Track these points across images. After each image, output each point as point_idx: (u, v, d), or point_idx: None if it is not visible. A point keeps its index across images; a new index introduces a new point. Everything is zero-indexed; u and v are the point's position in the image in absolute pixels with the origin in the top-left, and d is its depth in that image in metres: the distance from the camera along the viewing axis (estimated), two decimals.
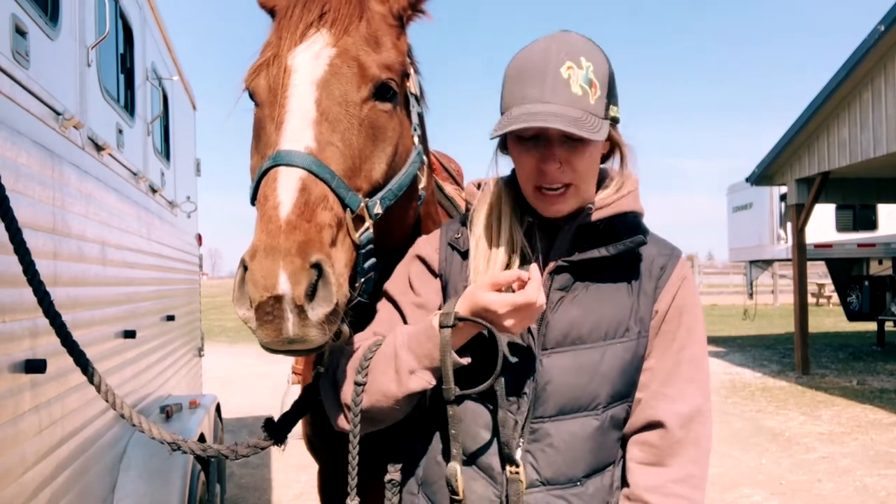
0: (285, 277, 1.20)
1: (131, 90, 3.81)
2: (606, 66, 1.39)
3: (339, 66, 1.46)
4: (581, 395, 1.38)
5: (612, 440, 1.43)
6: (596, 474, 1.41)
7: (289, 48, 1.48)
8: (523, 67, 1.37)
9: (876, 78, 9.23)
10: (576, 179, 1.37)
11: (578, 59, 1.34)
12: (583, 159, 1.36)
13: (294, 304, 1.21)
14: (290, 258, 1.22)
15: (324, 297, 1.25)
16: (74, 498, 2.45)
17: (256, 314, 1.22)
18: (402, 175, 1.57)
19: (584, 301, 1.42)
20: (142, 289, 3.76)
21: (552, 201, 1.39)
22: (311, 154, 1.36)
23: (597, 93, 1.34)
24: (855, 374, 11.21)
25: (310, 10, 1.52)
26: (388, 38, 1.58)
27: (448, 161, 2.83)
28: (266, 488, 5.95)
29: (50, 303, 1.61)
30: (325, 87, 1.44)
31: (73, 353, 1.66)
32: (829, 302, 25.65)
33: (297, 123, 1.40)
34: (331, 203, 1.34)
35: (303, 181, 1.32)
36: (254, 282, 1.22)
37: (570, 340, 1.39)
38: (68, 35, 2.56)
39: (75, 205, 2.56)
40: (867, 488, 5.80)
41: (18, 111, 2.04)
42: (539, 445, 1.38)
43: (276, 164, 1.35)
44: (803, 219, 11.59)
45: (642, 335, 1.44)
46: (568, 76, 1.32)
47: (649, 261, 1.48)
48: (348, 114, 1.44)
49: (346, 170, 1.41)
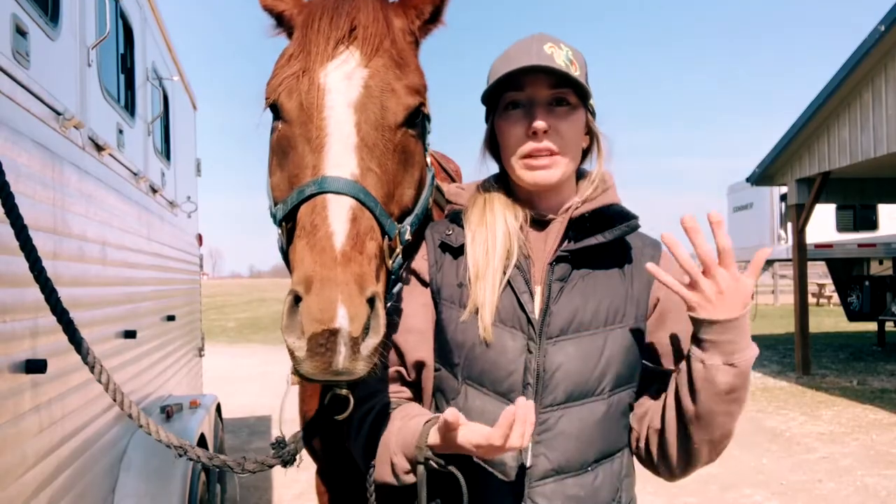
0: (344, 312, 1.17)
1: (132, 90, 3.80)
2: (583, 58, 1.50)
3: (374, 88, 1.43)
4: (588, 380, 1.42)
5: (620, 425, 1.47)
6: (606, 460, 1.45)
7: (320, 64, 1.43)
8: (507, 52, 1.48)
9: (876, 78, 9.22)
10: (562, 147, 1.45)
11: (558, 43, 1.46)
12: (568, 125, 1.45)
13: (350, 337, 1.18)
14: (349, 292, 1.19)
15: (375, 329, 1.23)
16: (74, 498, 2.44)
17: (308, 345, 1.19)
18: (424, 199, 1.57)
19: (583, 289, 1.46)
20: (142, 289, 3.76)
21: (539, 167, 1.45)
22: (357, 181, 1.33)
23: (577, 70, 1.45)
24: (855, 375, 11.21)
25: (338, 25, 1.47)
26: (412, 58, 1.56)
27: (447, 161, 2.83)
28: (266, 488, 5.95)
29: (57, 300, 1.59)
30: (363, 111, 1.40)
31: (80, 351, 1.64)
32: (830, 302, 25.64)
33: (339, 148, 1.36)
34: (376, 233, 1.33)
35: (353, 211, 1.30)
36: (310, 314, 1.18)
37: (573, 328, 1.43)
38: (69, 35, 2.56)
39: (76, 205, 2.56)
40: (868, 488, 5.79)
41: (19, 111, 2.04)
42: (550, 434, 1.40)
43: (323, 191, 1.31)
44: (803, 219, 11.59)
45: (639, 319, 1.49)
46: (551, 52, 1.43)
47: (638, 249, 1.55)
48: (384, 139, 1.41)
49: (384, 196, 1.39)
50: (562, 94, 1.45)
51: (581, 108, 1.48)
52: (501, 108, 1.50)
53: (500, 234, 1.48)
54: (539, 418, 1.39)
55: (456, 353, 1.46)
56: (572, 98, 1.46)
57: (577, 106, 1.47)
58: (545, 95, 1.44)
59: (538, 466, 1.40)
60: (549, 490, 1.39)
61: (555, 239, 1.50)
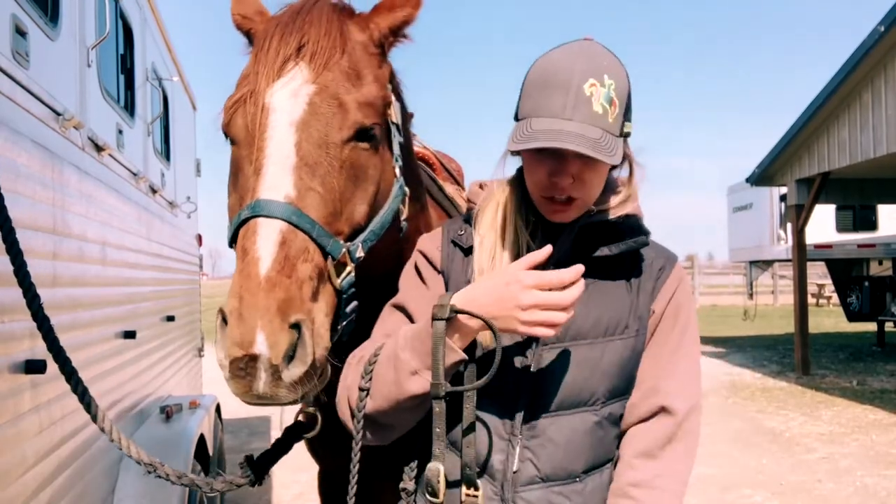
0: (263, 338, 1.20)
1: (131, 90, 3.80)
2: (626, 84, 1.38)
3: (319, 105, 1.42)
4: (580, 390, 1.39)
5: (611, 437, 1.45)
6: (595, 471, 1.42)
7: (266, 84, 1.43)
8: (546, 79, 1.35)
9: (876, 78, 9.22)
10: (584, 194, 1.39)
11: (602, 76, 1.33)
12: (594, 175, 1.38)
13: (269, 363, 1.20)
14: (270, 319, 1.21)
15: (300, 358, 1.24)
16: (74, 498, 2.44)
17: (230, 367, 1.22)
18: (384, 213, 1.55)
19: (585, 299, 1.41)
20: (142, 289, 3.76)
21: (558, 210, 1.41)
22: (291, 203, 1.33)
23: (616, 111, 1.35)
24: (855, 375, 11.20)
25: (287, 42, 1.46)
26: (370, 71, 1.54)
27: (448, 161, 2.83)
28: (266, 488, 5.95)
29: (39, 306, 1.55)
30: (305, 129, 1.40)
31: (57, 359, 1.59)
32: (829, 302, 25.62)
33: (275, 170, 1.36)
34: (311, 254, 1.32)
35: (283, 234, 1.30)
36: (231, 338, 1.21)
37: (570, 336, 1.41)
38: (68, 35, 2.56)
39: (75, 205, 2.56)
40: (867, 488, 5.79)
41: (19, 111, 2.04)
42: (538, 441, 1.38)
43: (254, 215, 1.32)
44: (803, 219, 11.59)
45: (640, 332, 1.46)
46: (590, 94, 1.32)
47: (648, 261, 1.50)
48: (329, 156, 1.40)
49: (327, 215, 1.38)
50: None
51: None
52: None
53: (509, 241, 1.45)
54: (528, 423, 1.38)
55: None
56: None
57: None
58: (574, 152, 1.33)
59: (524, 472, 1.38)
60: (534, 497, 1.37)
61: (564, 246, 1.45)
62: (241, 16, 1.66)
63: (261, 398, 1.23)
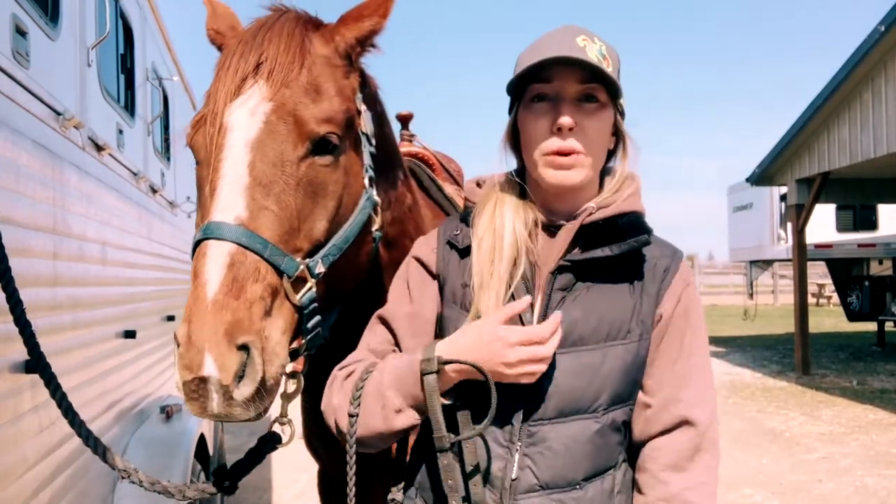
0: (211, 361, 1.22)
1: (131, 90, 3.80)
2: (617, 55, 1.42)
3: (275, 123, 1.42)
4: (581, 397, 1.36)
5: (613, 444, 1.41)
6: (596, 478, 1.38)
7: (224, 103, 1.44)
8: (537, 42, 1.40)
9: (876, 78, 9.22)
10: (587, 147, 1.37)
11: (592, 36, 1.38)
12: (596, 123, 1.38)
13: (220, 384, 1.23)
14: (217, 341, 1.23)
15: (250, 376, 1.27)
16: (74, 498, 2.44)
17: (184, 389, 1.25)
18: (348, 226, 1.55)
19: (585, 301, 1.39)
20: (142, 289, 3.76)
21: (561, 166, 1.37)
22: (242, 224, 1.34)
23: (610, 67, 1.36)
24: (855, 375, 11.21)
25: (246, 59, 1.46)
26: (332, 84, 1.53)
27: (448, 161, 2.82)
28: (266, 488, 5.95)
29: (22, 311, 1.54)
30: (260, 149, 1.40)
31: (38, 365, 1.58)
32: (830, 302, 25.63)
33: (228, 191, 1.37)
34: (263, 274, 1.33)
35: (231, 256, 1.31)
36: (181, 361, 1.25)
37: (570, 341, 1.36)
38: (68, 35, 2.56)
39: (75, 205, 2.56)
40: (867, 488, 5.80)
41: (19, 111, 2.04)
42: (537, 449, 1.35)
43: (205, 238, 1.34)
44: (803, 219, 11.59)
45: (644, 337, 1.41)
46: (584, 45, 1.35)
47: (652, 262, 1.45)
48: (285, 174, 1.40)
49: (283, 234, 1.38)
50: (591, 91, 1.37)
51: (610, 106, 1.40)
52: (526, 100, 1.41)
53: (508, 242, 1.40)
54: (527, 431, 1.35)
55: None
56: (602, 95, 1.38)
57: (606, 104, 1.39)
58: (574, 90, 1.36)
59: (523, 480, 1.35)
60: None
61: (562, 246, 1.40)
62: (214, 31, 1.67)
63: (217, 417, 1.27)
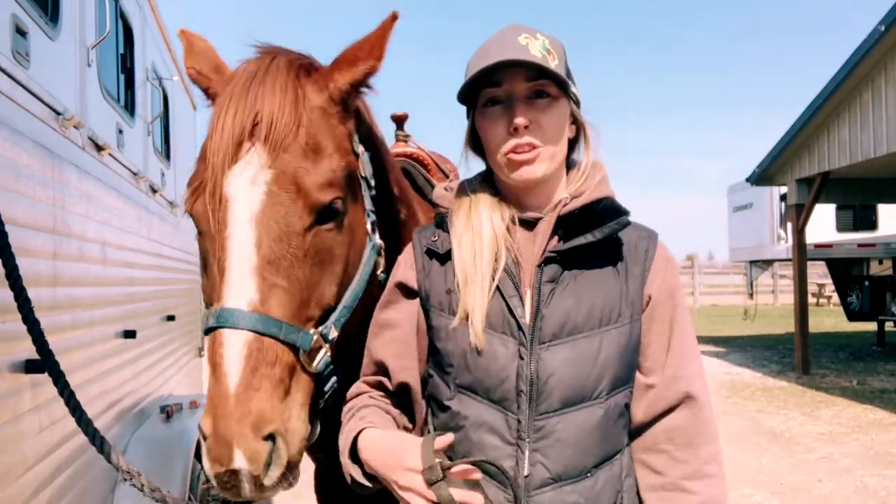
0: (240, 455, 1.25)
1: (131, 90, 3.81)
2: (562, 47, 1.46)
3: (277, 193, 1.38)
4: (584, 384, 1.37)
5: (619, 427, 1.43)
6: (605, 463, 1.40)
7: (222, 171, 1.40)
8: (481, 47, 1.43)
9: (876, 78, 9.22)
10: (544, 140, 1.40)
11: (534, 33, 1.41)
12: (550, 117, 1.41)
13: (250, 475, 1.26)
14: (243, 435, 1.25)
15: (276, 463, 1.30)
16: (74, 498, 2.45)
17: (216, 480, 1.28)
18: (356, 284, 1.54)
19: (575, 290, 1.40)
20: (142, 289, 3.76)
21: (523, 163, 1.40)
22: (256, 311, 1.33)
23: (555, 60, 1.40)
24: (855, 374, 11.20)
25: (241, 120, 1.41)
26: (330, 139, 1.50)
27: (443, 161, 2.82)
28: None
29: (30, 309, 1.55)
30: (265, 223, 1.37)
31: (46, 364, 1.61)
32: (830, 302, 25.63)
33: (237, 273, 1.35)
34: (280, 356, 1.34)
35: (249, 346, 1.31)
36: (210, 456, 1.27)
37: (566, 331, 1.38)
38: (68, 35, 2.56)
39: (75, 205, 2.56)
40: (867, 488, 5.79)
41: (19, 111, 2.04)
42: (547, 442, 1.36)
43: (220, 325, 1.33)
44: (803, 219, 11.59)
45: (634, 318, 1.44)
46: (526, 43, 1.38)
47: (631, 244, 1.48)
48: (292, 247, 1.39)
49: (294, 308, 1.38)
50: (541, 87, 1.40)
51: (563, 98, 1.43)
52: (480, 106, 1.45)
53: (487, 238, 1.42)
54: (535, 425, 1.36)
55: (447, 360, 1.42)
56: (552, 89, 1.41)
57: (557, 97, 1.42)
58: (523, 89, 1.40)
59: (536, 475, 1.35)
60: (547, 499, 1.35)
61: (543, 239, 1.43)
62: (195, 71, 1.63)
63: (251, 500, 1.32)
